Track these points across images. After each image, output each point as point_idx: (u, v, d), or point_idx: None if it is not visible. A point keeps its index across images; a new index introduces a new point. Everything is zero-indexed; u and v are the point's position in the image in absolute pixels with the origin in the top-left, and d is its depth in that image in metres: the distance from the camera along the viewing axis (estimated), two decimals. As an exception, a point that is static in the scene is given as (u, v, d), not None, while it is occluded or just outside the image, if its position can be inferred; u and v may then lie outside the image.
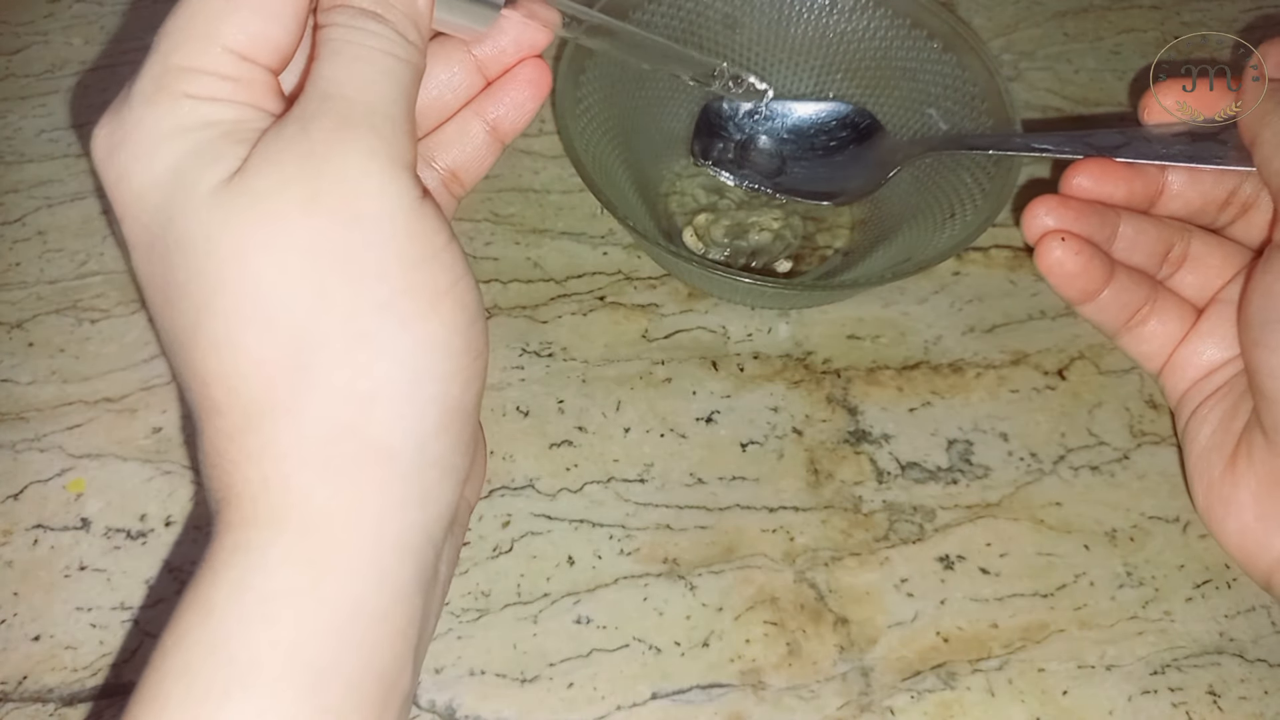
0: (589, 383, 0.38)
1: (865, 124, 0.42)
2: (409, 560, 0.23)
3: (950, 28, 0.40)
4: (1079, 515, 0.36)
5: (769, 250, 0.42)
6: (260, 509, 0.22)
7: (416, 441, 0.23)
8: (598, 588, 0.34)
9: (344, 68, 0.23)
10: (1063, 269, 0.32)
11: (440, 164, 0.30)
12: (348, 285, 0.22)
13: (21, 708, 0.31)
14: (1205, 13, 0.52)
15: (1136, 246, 0.33)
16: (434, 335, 0.22)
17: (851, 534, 0.35)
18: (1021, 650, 0.33)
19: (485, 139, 0.30)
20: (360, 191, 0.22)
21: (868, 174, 0.40)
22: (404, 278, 0.22)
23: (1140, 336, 0.34)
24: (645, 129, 0.42)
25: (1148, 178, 0.33)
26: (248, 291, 0.22)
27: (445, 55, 0.28)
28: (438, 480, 0.23)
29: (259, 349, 0.22)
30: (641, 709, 0.32)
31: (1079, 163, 0.33)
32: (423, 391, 0.22)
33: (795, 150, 0.42)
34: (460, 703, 0.32)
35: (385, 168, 0.22)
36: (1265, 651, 0.34)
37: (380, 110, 0.23)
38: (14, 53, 0.47)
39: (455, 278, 0.23)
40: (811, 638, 0.33)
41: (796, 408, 0.38)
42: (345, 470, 0.22)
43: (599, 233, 0.42)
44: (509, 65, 0.29)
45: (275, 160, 0.22)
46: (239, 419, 0.22)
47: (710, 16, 0.42)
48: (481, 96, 0.29)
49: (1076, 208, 0.32)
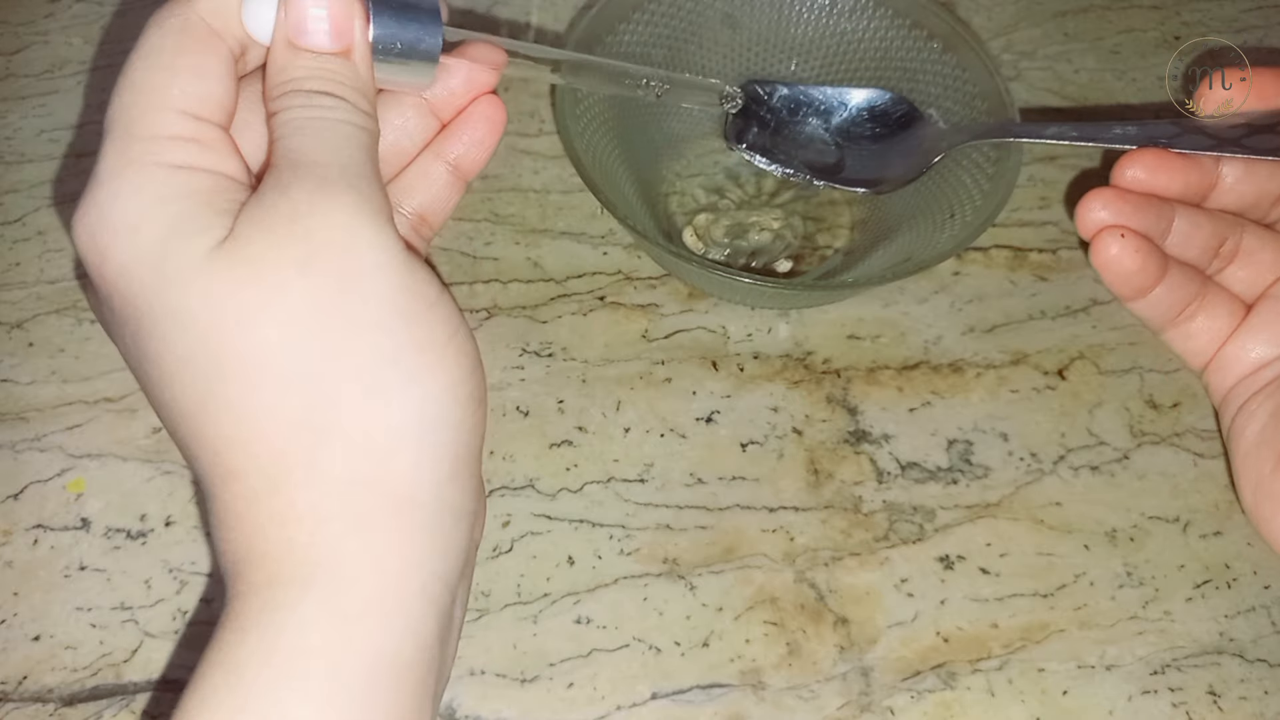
0: (589, 383, 0.38)
1: (904, 111, 0.41)
2: (431, 610, 0.23)
3: (950, 28, 0.40)
4: (1079, 515, 0.36)
5: (769, 250, 0.42)
6: (286, 568, 0.22)
7: (434, 490, 0.23)
8: (598, 588, 0.34)
9: (310, 139, 0.23)
10: (1120, 266, 0.31)
11: (407, 209, 0.30)
12: (353, 341, 0.22)
13: (21, 708, 0.31)
14: (1205, 13, 0.52)
15: (1190, 241, 0.32)
16: (442, 385, 0.23)
17: (851, 534, 0.35)
18: (1021, 650, 0.33)
19: (448, 179, 0.30)
20: (352, 248, 0.22)
21: (908, 162, 0.39)
22: (407, 331, 0.23)
23: (1187, 332, 0.33)
24: (645, 129, 0.42)
25: (1203, 169, 0.32)
26: (257, 356, 0.22)
27: (397, 102, 0.29)
28: (453, 526, 0.24)
29: (275, 411, 0.22)
30: (641, 709, 0.32)
31: (1132, 153, 0.31)
32: (436, 440, 0.23)
33: (834, 136, 0.41)
34: (460, 703, 0.32)
35: (371, 223, 0.22)
36: (1265, 651, 0.34)
37: (353, 170, 0.23)
38: (14, 53, 0.47)
39: (454, 328, 0.23)
40: (811, 638, 0.33)
41: (796, 408, 0.38)
42: (370, 524, 0.22)
43: (599, 233, 0.42)
44: (462, 106, 0.29)
45: (264, 225, 0.22)
46: (259, 482, 0.22)
47: (710, 16, 0.42)
48: (440, 138, 0.30)
49: (1134, 201, 0.31)
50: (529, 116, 0.45)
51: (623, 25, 0.40)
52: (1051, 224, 0.44)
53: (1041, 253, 0.43)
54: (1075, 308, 0.41)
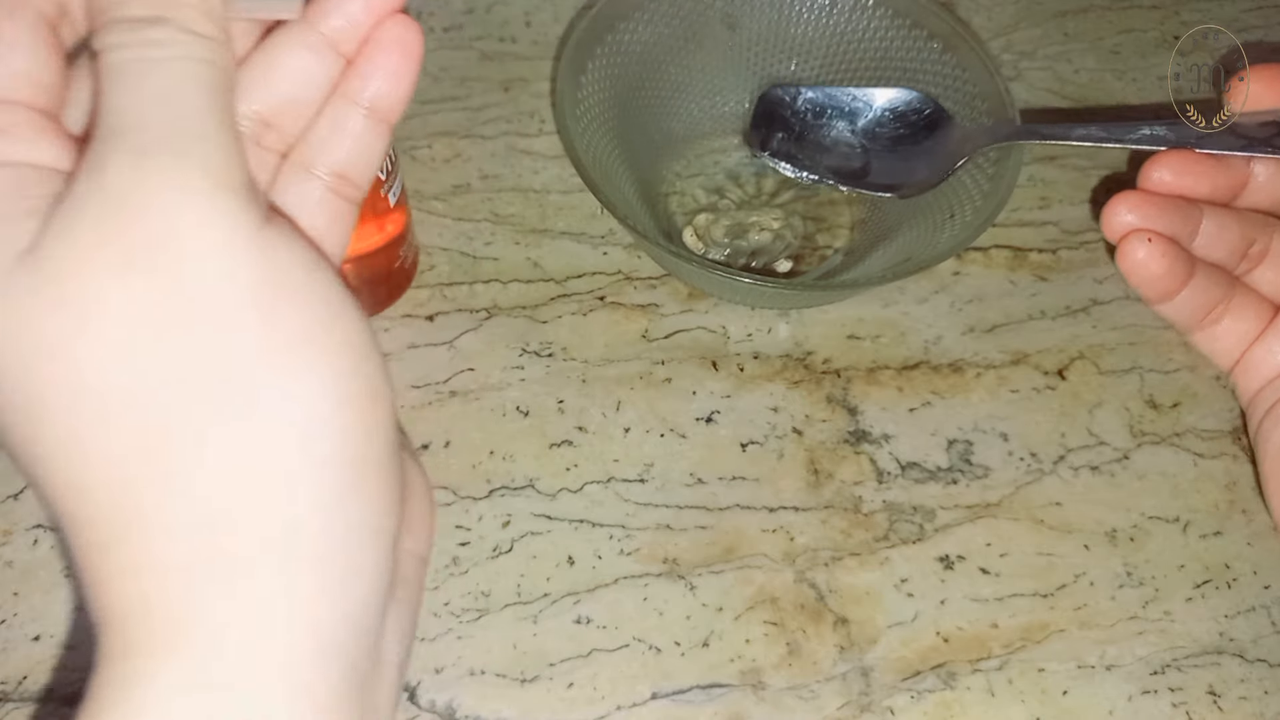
0: (589, 383, 0.38)
1: (930, 111, 0.40)
2: (333, 662, 0.19)
3: (950, 28, 0.40)
4: (1079, 515, 0.36)
5: (769, 250, 0.42)
6: (143, 631, 0.19)
7: (322, 514, 0.19)
8: (598, 588, 0.34)
9: (130, 92, 0.19)
10: (1147, 270, 0.30)
11: (322, 169, 0.24)
12: (197, 352, 0.18)
13: (21, 708, 0.31)
14: (1205, 13, 0.52)
15: (1218, 243, 0.32)
16: (317, 386, 0.19)
17: (851, 534, 0.35)
18: (1021, 650, 0.33)
19: (366, 125, 0.24)
20: (180, 236, 0.18)
21: (935, 164, 0.39)
22: (265, 327, 0.18)
23: (1214, 334, 0.33)
24: (645, 129, 0.42)
25: (1232, 169, 0.31)
26: (75, 387, 0.18)
27: (289, 42, 0.23)
28: (358, 549, 0.20)
29: (106, 450, 0.18)
30: (641, 709, 0.32)
31: (1160, 155, 0.31)
32: (318, 454, 0.19)
33: (859, 140, 0.41)
34: (460, 703, 0.32)
35: (206, 198, 0.18)
36: (1265, 651, 0.34)
37: (185, 130, 0.19)
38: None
39: (332, 313, 0.19)
40: (811, 638, 0.33)
41: (796, 408, 0.38)
42: (239, 569, 0.19)
43: (599, 233, 0.42)
44: (368, 33, 0.23)
45: (72, 224, 0.18)
46: (104, 532, 0.18)
47: (710, 16, 0.42)
48: (347, 78, 0.24)
49: (1161, 204, 0.30)
50: (529, 116, 0.45)
51: (623, 25, 0.40)
52: (1051, 224, 0.44)
53: (1041, 253, 0.43)
54: (1075, 308, 0.41)
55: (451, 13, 0.49)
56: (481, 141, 0.44)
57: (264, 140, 0.23)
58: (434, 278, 0.40)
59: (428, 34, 0.48)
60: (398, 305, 0.40)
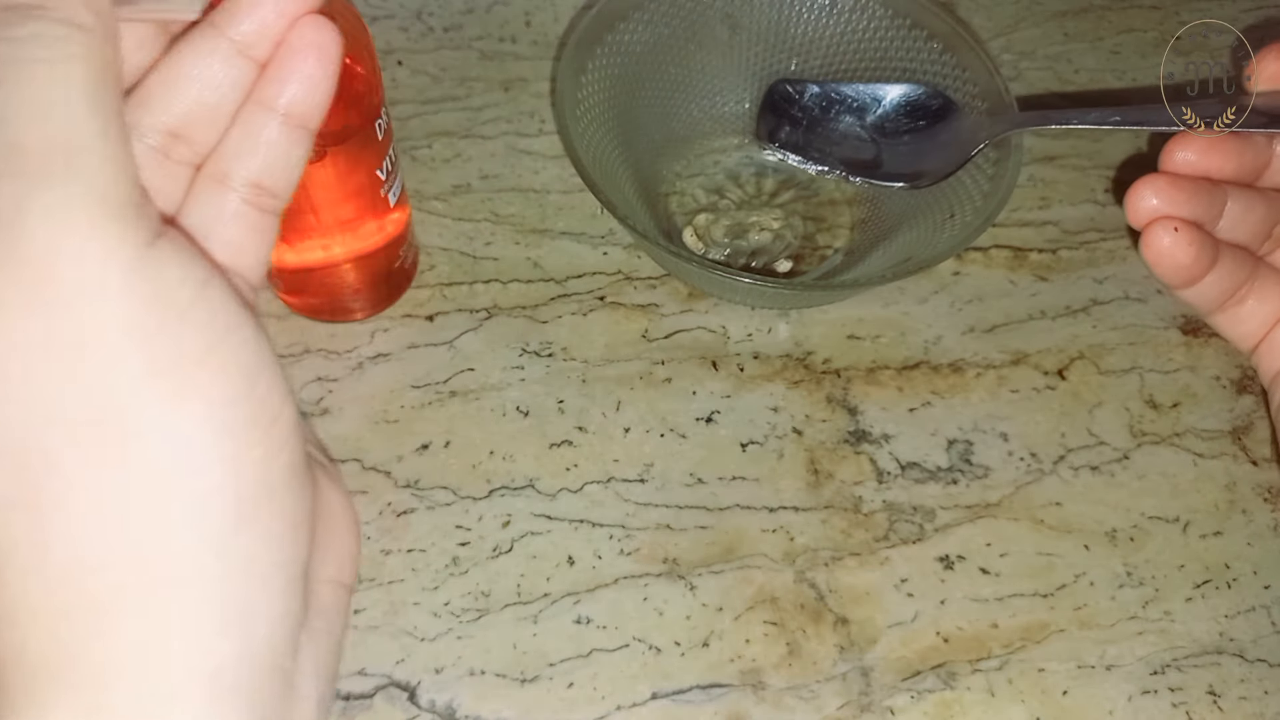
0: (589, 383, 0.38)
1: (940, 104, 0.40)
2: (232, 703, 0.18)
3: (950, 28, 0.40)
4: (1079, 515, 0.36)
5: (769, 250, 0.42)
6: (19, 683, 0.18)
7: (210, 552, 0.18)
8: (598, 588, 0.34)
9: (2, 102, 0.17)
10: (1174, 259, 0.30)
11: (238, 180, 0.22)
12: (67, 389, 0.17)
13: (21, 708, 0.31)
14: (1205, 13, 0.52)
15: (1242, 224, 0.31)
16: (195, 415, 0.18)
17: (851, 534, 0.35)
18: (1021, 650, 0.33)
19: (283, 132, 0.23)
20: (56, 266, 0.17)
21: (947, 154, 0.39)
22: (142, 353, 0.17)
23: (1237, 316, 0.32)
24: (645, 129, 0.42)
25: (1257, 148, 0.30)
26: None
27: (196, 49, 0.21)
28: (257, 585, 0.19)
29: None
30: (641, 709, 0.32)
31: (1182, 135, 0.30)
32: (196, 488, 0.18)
33: (869, 132, 0.41)
34: (460, 703, 0.32)
35: (85, 222, 0.17)
36: (1265, 651, 0.34)
37: (63, 145, 0.17)
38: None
39: (217, 334, 0.18)
40: (811, 638, 0.33)
41: (796, 408, 0.38)
42: (116, 612, 0.18)
43: (599, 233, 0.42)
44: (280, 36, 0.22)
45: None
46: None
47: (710, 16, 0.42)
48: (261, 84, 0.22)
49: (1186, 188, 0.29)
50: (529, 116, 0.45)
51: (623, 25, 0.40)
52: (1051, 224, 0.44)
53: (1041, 253, 0.43)
54: (1075, 308, 0.41)
55: (451, 13, 0.49)
56: (481, 141, 0.44)
57: (174, 153, 0.22)
58: (434, 278, 0.40)
59: (428, 34, 0.48)
60: (398, 305, 0.40)
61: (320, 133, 0.24)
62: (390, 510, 0.35)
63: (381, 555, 0.34)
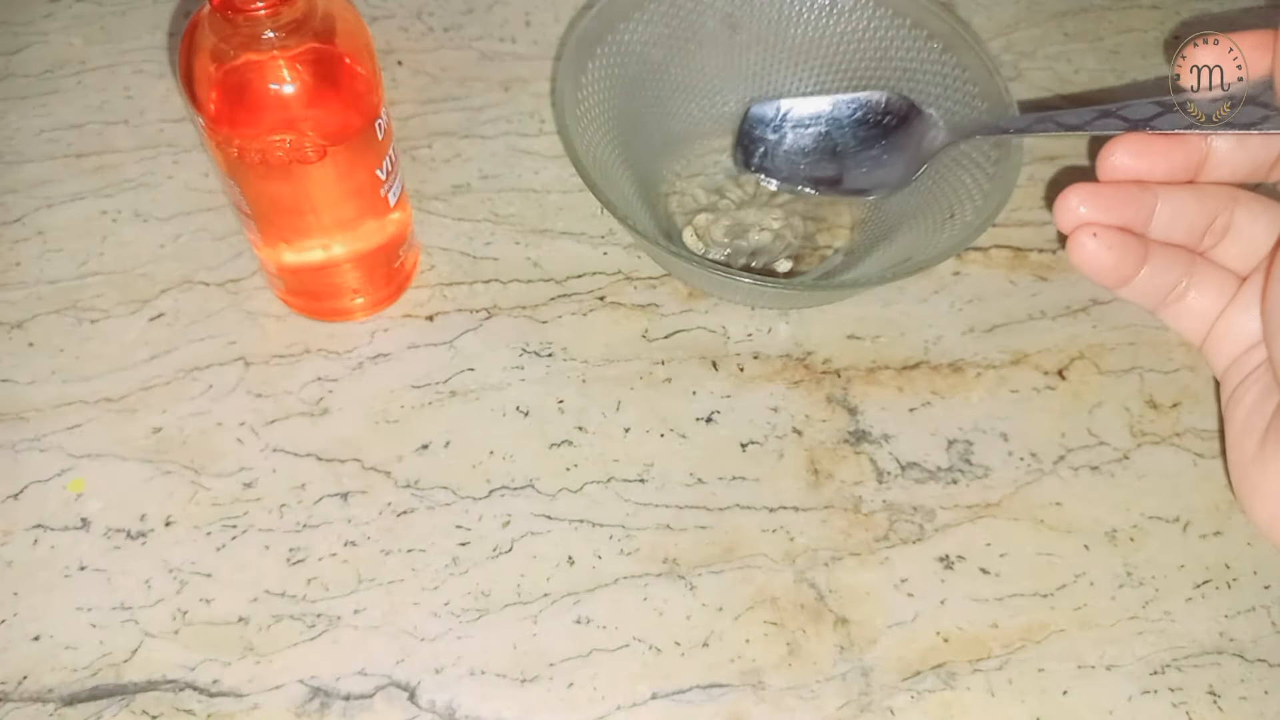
0: (589, 383, 0.38)
1: (903, 108, 0.40)
2: None
3: (950, 28, 0.40)
4: (1079, 515, 0.36)
5: (769, 250, 0.42)
6: None
7: None
8: (598, 588, 0.34)
9: None
10: (1097, 263, 0.31)
11: None
12: None
13: (21, 708, 0.31)
14: (1205, 13, 0.52)
15: (1177, 223, 0.32)
16: None
17: (851, 534, 0.35)
18: (1021, 650, 0.33)
19: None
20: None
21: (905, 161, 0.39)
22: None
23: (1179, 312, 0.33)
24: (645, 129, 0.42)
25: (1189, 147, 0.31)
26: None
27: None
28: None
29: None
30: (641, 709, 0.32)
31: (1115, 139, 0.31)
32: None
33: (836, 145, 0.41)
34: (460, 703, 0.32)
35: None
36: (1265, 651, 0.34)
37: None
38: (14, 53, 0.47)
39: None
40: (811, 638, 0.33)
41: (796, 408, 0.38)
42: None
43: (599, 233, 0.42)
44: None
45: None
46: None
47: (710, 16, 0.42)
48: None
49: (1110, 195, 0.30)
50: (529, 116, 0.45)
51: (623, 25, 0.40)
52: (1051, 224, 0.44)
53: (1041, 253, 0.43)
54: (1075, 308, 0.41)
55: (451, 13, 0.49)
56: (481, 141, 0.44)
57: None
58: (434, 278, 0.40)
59: (427, 34, 0.48)
60: (398, 305, 0.40)
61: (320, 133, 0.24)
62: (390, 510, 0.35)
63: (381, 555, 0.34)
